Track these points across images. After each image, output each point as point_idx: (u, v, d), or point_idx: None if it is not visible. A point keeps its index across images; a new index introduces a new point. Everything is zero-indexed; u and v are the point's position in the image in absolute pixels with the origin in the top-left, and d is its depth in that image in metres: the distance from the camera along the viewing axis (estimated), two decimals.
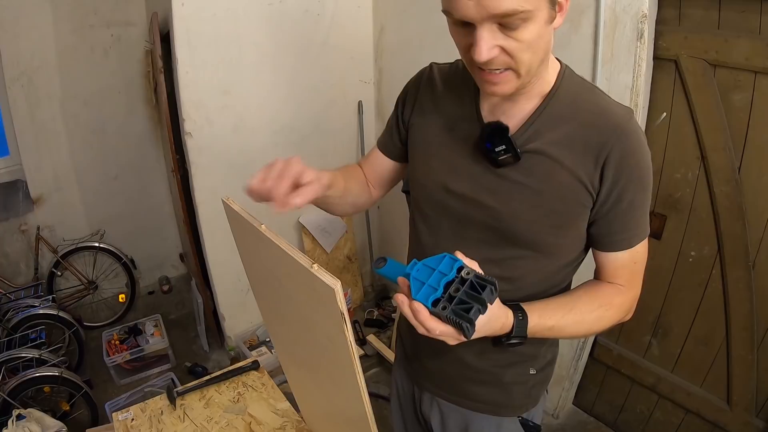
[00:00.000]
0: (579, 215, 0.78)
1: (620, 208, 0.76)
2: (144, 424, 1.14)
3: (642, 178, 0.76)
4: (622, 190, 0.75)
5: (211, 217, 2.33)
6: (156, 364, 2.56)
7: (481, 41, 0.65)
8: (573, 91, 0.78)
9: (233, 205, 0.74)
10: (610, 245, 0.80)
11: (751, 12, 1.34)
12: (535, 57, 0.69)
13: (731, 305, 1.59)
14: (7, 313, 2.28)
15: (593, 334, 0.84)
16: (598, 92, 0.80)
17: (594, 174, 0.74)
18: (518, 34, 0.64)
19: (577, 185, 0.75)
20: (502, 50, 0.66)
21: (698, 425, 1.78)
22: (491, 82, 0.71)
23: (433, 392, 1.01)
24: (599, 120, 0.75)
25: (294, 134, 2.49)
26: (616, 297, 0.82)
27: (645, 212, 0.79)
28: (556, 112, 0.77)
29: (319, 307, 0.58)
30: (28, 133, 2.65)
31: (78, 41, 2.65)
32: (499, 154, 0.75)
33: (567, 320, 0.77)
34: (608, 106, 0.77)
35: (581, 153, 0.75)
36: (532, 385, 0.95)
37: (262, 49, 2.24)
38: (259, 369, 1.33)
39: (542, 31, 0.67)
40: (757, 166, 1.44)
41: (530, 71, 0.71)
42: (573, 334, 0.81)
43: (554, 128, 0.76)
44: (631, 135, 0.74)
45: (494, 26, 0.64)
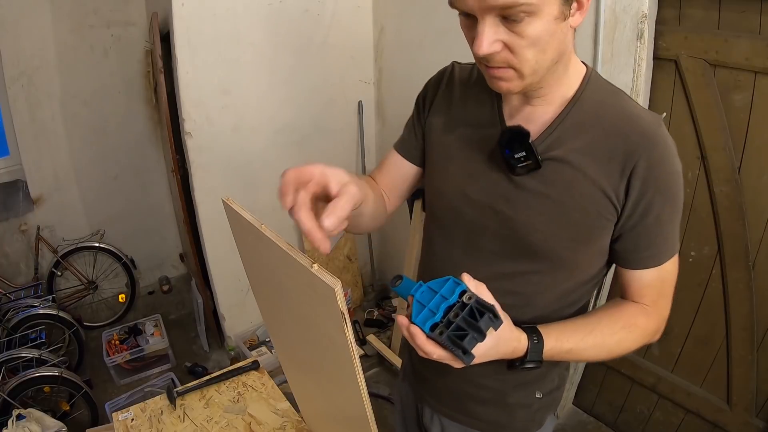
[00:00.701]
0: (601, 229, 0.73)
1: (647, 222, 0.71)
2: (144, 424, 1.14)
3: (671, 190, 0.71)
4: (650, 203, 0.70)
5: (211, 217, 2.34)
6: (156, 364, 2.56)
7: (482, 34, 0.62)
8: (598, 97, 0.74)
9: (233, 205, 0.74)
10: (636, 262, 0.75)
11: (751, 12, 1.34)
12: (543, 56, 0.65)
13: (731, 305, 1.59)
14: (7, 313, 2.28)
15: (615, 357, 0.77)
16: (625, 97, 0.75)
17: (619, 185, 0.70)
18: (521, 29, 0.61)
19: (600, 197, 0.70)
20: (505, 46, 0.63)
21: (698, 425, 1.78)
22: (495, 77, 0.68)
23: (433, 407, 0.98)
24: (626, 127, 0.70)
25: (294, 134, 2.49)
26: (640, 318, 0.77)
27: (674, 227, 0.74)
28: (580, 118, 0.73)
29: (319, 307, 0.58)
30: (28, 133, 2.65)
31: (78, 41, 2.65)
32: (518, 161, 0.71)
33: (586, 343, 0.73)
34: (635, 112, 0.72)
35: (606, 162, 0.70)
36: (536, 409, 0.92)
37: (262, 49, 2.24)
38: (259, 369, 1.33)
39: (550, 27, 0.62)
40: (757, 166, 1.44)
41: (536, 71, 0.66)
42: (592, 358, 0.77)
43: (577, 135, 0.72)
44: (660, 143, 0.69)
45: (497, 19, 0.61)
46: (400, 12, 2.41)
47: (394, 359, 2.44)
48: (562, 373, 0.96)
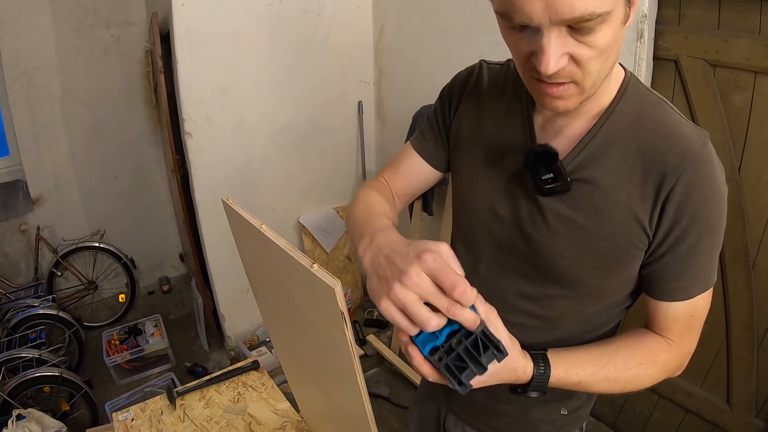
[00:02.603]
0: (630, 257, 0.67)
1: (679, 251, 0.64)
2: (144, 424, 1.14)
3: (711, 219, 0.63)
4: (684, 231, 0.63)
5: (211, 217, 2.34)
6: (156, 364, 2.56)
7: (549, 50, 0.53)
8: (635, 107, 0.66)
9: (233, 205, 0.74)
10: (663, 293, 0.68)
11: (751, 12, 1.34)
12: (605, 66, 0.58)
13: (731, 305, 1.59)
14: (7, 313, 2.28)
15: (628, 392, 0.70)
16: (666, 109, 0.66)
17: (653, 210, 0.63)
18: (592, 40, 0.54)
19: (631, 222, 0.64)
20: (571, 59, 0.56)
21: (698, 425, 1.78)
22: (552, 95, 0.60)
23: (458, 416, 0.96)
24: (664, 144, 0.63)
25: (294, 134, 2.49)
26: (661, 353, 0.70)
27: (711, 259, 0.66)
28: (614, 132, 0.66)
29: (319, 307, 0.58)
30: (28, 133, 2.65)
31: (78, 41, 2.65)
32: (546, 182, 0.65)
33: (597, 377, 0.67)
34: (677, 127, 0.64)
35: (640, 184, 0.64)
36: (561, 425, 0.88)
37: (262, 49, 2.24)
38: (259, 369, 1.33)
39: (617, 33, 0.56)
40: (757, 166, 1.44)
41: (596, 84, 0.60)
42: (603, 391, 0.70)
43: (610, 153, 0.65)
44: (702, 165, 0.62)
45: (564, 30, 0.53)
46: (400, 12, 2.41)
47: (394, 359, 2.44)
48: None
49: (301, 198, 2.64)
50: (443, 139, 0.85)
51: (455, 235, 0.87)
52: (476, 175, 0.78)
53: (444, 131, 0.84)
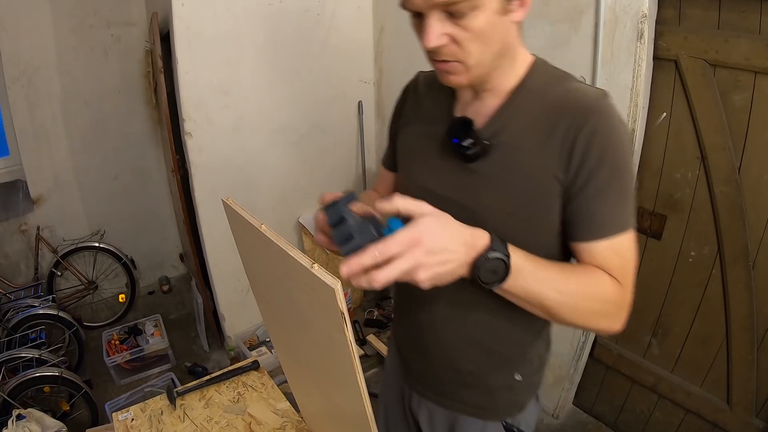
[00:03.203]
0: (550, 207, 0.74)
1: (588, 192, 0.71)
2: (144, 424, 1.14)
3: (615, 163, 0.70)
4: (591, 173, 0.70)
5: (211, 217, 2.34)
6: (156, 364, 2.56)
7: (429, 28, 0.66)
8: (542, 81, 0.76)
9: (233, 205, 0.74)
10: (584, 233, 0.73)
11: (751, 12, 1.34)
12: (487, 48, 0.68)
13: (731, 305, 1.59)
14: (7, 313, 2.28)
15: (578, 312, 0.71)
16: (570, 79, 0.76)
17: (561, 158, 0.71)
18: (467, 23, 0.65)
19: (545, 174, 0.72)
20: (452, 40, 0.67)
21: (698, 425, 1.78)
22: (443, 70, 0.72)
23: (421, 393, 1.01)
24: (567, 103, 0.72)
25: (294, 134, 2.49)
26: (605, 276, 0.72)
27: (622, 202, 0.72)
28: (523, 103, 0.76)
29: (319, 307, 0.58)
30: (28, 133, 2.65)
31: (78, 41, 2.65)
32: (467, 149, 0.75)
33: (550, 271, 0.69)
34: (578, 90, 0.73)
35: (547, 138, 0.72)
36: (517, 392, 0.94)
37: (262, 49, 2.24)
38: (259, 369, 1.33)
39: (493, 21, 0.66)
40: (757, 166, 1.44)
41: (480, 63, 0.70)
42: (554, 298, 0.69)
43: (521, 119, 0.75)
44: (602, 114, 0.70)
45: (443, 15, 0.65)
46: (400, 12, 2.38)
47: None
48: (542, 354, 0.95)
49: (301, 198, 2.63)
50: (393, 145, 0.97)
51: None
52: (411, 162, 0.90)
53: (393, 137, 0.97)
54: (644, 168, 1.71)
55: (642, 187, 1.74)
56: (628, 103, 1.58)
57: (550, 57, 1.93)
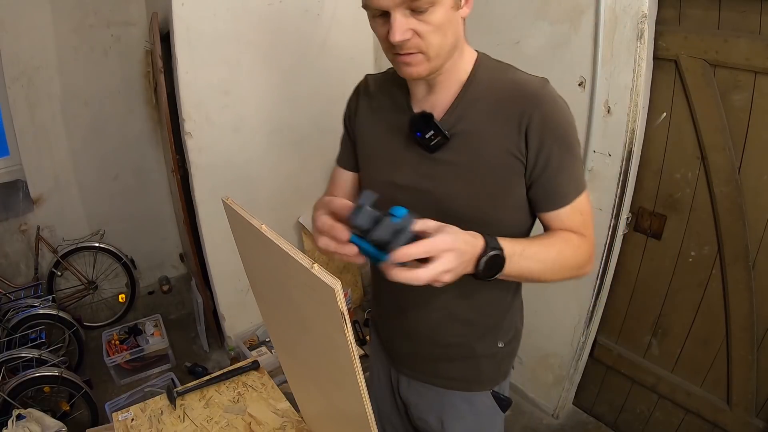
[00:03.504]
0: (514, 183, 0.83)
1: (551, 169, 0.81)
2: (144, 424, 1.14)
3: (566, 138, 0.81)
4: (549, 153, 0.80)
5: (211, 217, 2.33)
6: (156, 364, 2.56)
7: (396, 23, 0.73)
8: (489, 73, 0.85)
9: (233, 205, 0.74)
10: (551, 204, 0.85)
11: (751, 12, 1.34)
12: (445, 40, 0.76)
13: (731, 305, 1.59)
14: (7, 313, 2.28)
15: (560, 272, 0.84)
16: (513, 70, 0.86)
17: (519, 141, 0.80)
18: (428, 17, 0.73)
19: (505, 155, 0.81)
20: (415, 33, 0.74)
21: (698, 425, 1.78)
22: (405, 63, 0.78)
23: (409, 375, 1.07)
24: (514, 92, 0.81)
25: (294, 134, 2.49)
26: (572, 236, 0.85)
27: (576, 169, 0.85)
28: (475, 94, 0.84)
29: (319, 307, 0.58)
30: (28, 133, 2.65)
31: (78, 41, 2.65)
32: (430, 140, 0.83)
33: (533, 248, 0.80)
34: (523, 78, 0.83)
35: (503, 124, 0.81)
36: (500, 359, 1.01)
37: (262, 49, 2.24)
38: (259, 369, 1.33)
39: (449, 15, 0.75)
40: (757, 166, 1.44)
41: (440, 54, 0.77)
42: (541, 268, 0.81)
43: (475, 107, 0.83)
44: (547, 100, 0.80)
45: (407, 11, 0.73)
46: None
47: None
48: (517, 325, 1.05)
49: (301, 198, 2.63)
50: (351, 145, 1.02)
51: None
52: (373, 158, 0.96)
53: (350, 137, 1.03)
54: (644, 168, 1.71)
55: (642, 187, 1.74)
56: (628, 103, 1.58)
57: (550, 57, 1.93)
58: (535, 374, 2.19)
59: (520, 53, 1.79)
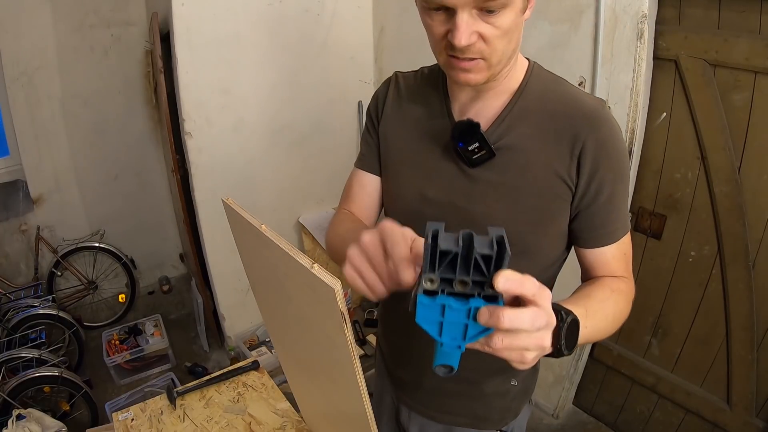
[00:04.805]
0: (558, 210, 0.75)
1: (601, 200, 0.74)
2: (144, 424, 1.13)
3: (621, 169, 0.74)
4: (602, 182, 0.72)
5: (211, 217, 2.33)
6: (156, 364, 2.56)
7: (462, 25, 0.63)
8: (542, 85, 0.78)
9: (233, 205, 0.74)
10: (596, 240, 0.76)
11: (751, 12, 1.34)
12: (509, 46, 0.69)
13: (731, 305, 1.59)
14: (7, 313, 2.28)
15: (616, 324, 0.72)
16: (567, 84, 0.79)
17: (570, 166, 0.72)
18: (497, 20, 0.64)
19: (553, 178, 0.73)
20: (480, 37, 0.66)
21: (698, 425, 1.78)
22: (464, 69, 0.69)
23: (411, 406, 0.99)
24: (570, 110, 0.73)
25: (294, 134, 2.49)
26: (620, 283, 0.76)
27: (625, 205, 0.77)
28: (526, 106, 0.76)
29: (319, 307, 0.58)
30: (28, 133, 2.65)
31: (78, 41, 2.65)
32: (473, 153, 0.74)
33: (592, 304, 0.67)
34: (578, 96, 0.76)
35: (555, 144, 0.73)
36: (512, 398, 0.93)
37: (262, 49, 2.24)
38: (259, 369, 1.33)
39: (518, 19, 0.67)
40: (757, 166, 1.44)
41: (501, 61, 0.70)
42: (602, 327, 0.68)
43: (526, 122, 0.75)
44: (605, 124, 0.72)
45: (474, 11, 0.63)
46: (400, 12, 2.41)
47: None
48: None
49: (301, 198, 2.63)
50: (375, 146, 0.91)
51: None
52: (403, 168, 0.86)
53: (375, 138, 0.91)
54: (644, 168, 1.71)
55: (642, 187, 1.74)
56: (628, 103, 1.58)
57: (550, 57, 1.93)
58: None
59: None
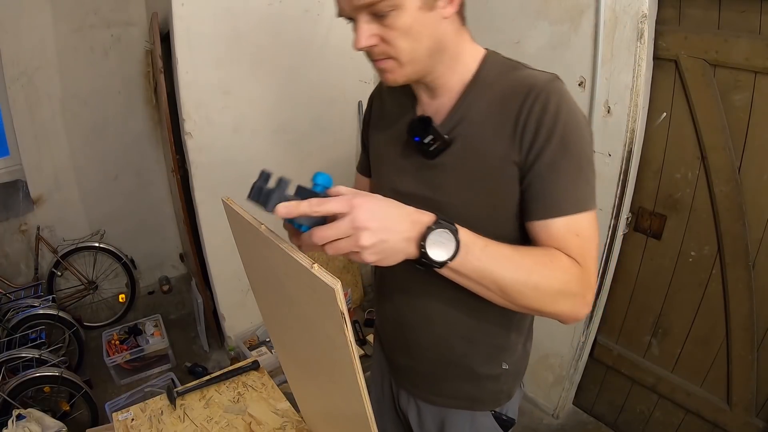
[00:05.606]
0: (512, 192, 0.75)
1: (539, 169, 0.71)
2: (144, 424, 1.14)
3: (566, 141, 0.70)
4: (540, 151, 0.71)
5: (211, 217, 2.34)
6: (156, 364, 2.56)
7: (358, 30, 0.69)
8: (495, 72, 0.78)
9: (233, 205, 0.74)
10: (538, 211, 0.73)
11: (751, 12, 1.34)
12: (418, 44, 0.71)
13: (731, 305, 1.59)
14: (7, 313, 2.28)
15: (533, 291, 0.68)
16: (522, 67, 0.78)
17: (514, 144, 0.72)
18: (391, 22, 0.68)
19: (502, 160, 0.74)
20: (381, 39, 0.70)
21: (698, 425, 1.78)
22: (381, 69, 0.74)
23: (409, 390, 1.03)
24: (517, 90, 0.73)
25: (294, 134, 2.49)
26: (561, 255, 0.70)
27: (576, 180, 0.71)
28: (478, 94, 0.77)
29: (319, 307, 0.58)
30: (28, 133, 2.65)
31: (78, 41, 2.65)
32: (429, 145, 0.77)
33: (502, 249, 0.67)
34: (528, 75, 0.75)
35: (502, 124, 0.73)
36: (504, 380, 0.96)
37: (261, 49, 2.24)
38: (259, 369, 1.33)
39: (418, 17, 0.68)
40: (757, 166, 1.44)
41: (414, 59, 0.72)
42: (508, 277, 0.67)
43: (477, 109, 0.77)
44: (550, 94, 0.71)
45: (369, 17, 0.68)
46: None
47: None
48: (524, 343, 0.98)
49: None
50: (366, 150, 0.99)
51: None
52: (381, 165, 0.92)
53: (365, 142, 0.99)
54: (644, 168, 1.71)
55: (642, 187, 1.74)
56: (628, 103, 1.58)
57: (550, 57, 1.93)
58: (535, 374, 2.19)
59: (521, 53, 1.79)
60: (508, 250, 0.68)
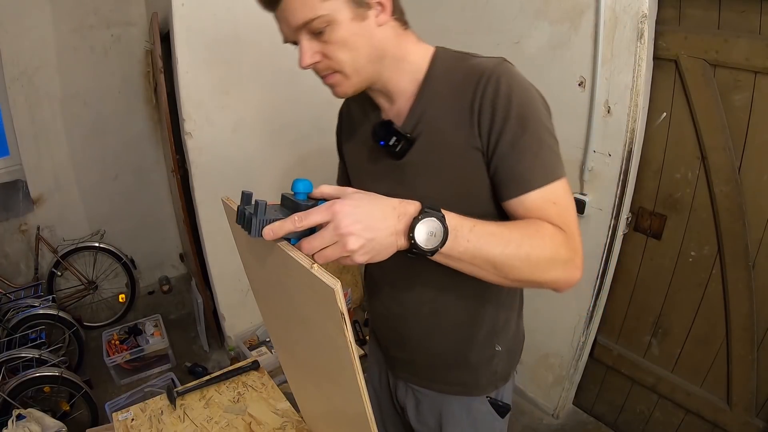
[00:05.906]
0: (480, 179, 0.77)
1: (503, 150, 0.73)
2: (144, 424, 1.14)
3: (521, 115, 0.72)
4: (501, 132, 0.72)
5: (211, 217, 2.34)
6: (156, 364, 2.56)
7: (301, 49, 0.73)
8: (445, 67, 0.80)
9: (233, 204, 0.74)
10: (511, 190, 0.74)
11: (751, 12, 1.34)
12: (357, 54, 0.73)
13: (731, 305, 1.59)
14: (7, 313, 2.28)
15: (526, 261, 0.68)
16: (470, 57, 0.80)
17: (473, 127, 0.74)
18: (328, 37, 0.71)
19: (466, 149, 0.76)
20: (324, 55, 0.73)
21: (698, 425, 1.78)
22: (330, 85, 0.77)
23: (406, 380, 1.05)
24: (468, 79, 0.75)
25: (294, 134, 2.49)
26: (544, 223, 0.71)
27: (540, 153, 0.73)
28: (433, 90, 0.79)
29: (319, 307, 0.58)
30: (28, 133, 2.65)
31: (78, 41, 2.65)
32: (394, 146, 0.80)
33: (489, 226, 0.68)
34: (477, 63, 0.77)
35: (458, 114, 0.76)
36: (498, 361, 0.97)
37: (262, 49, 2.24)
38: (259, 369, 1.33)
39: (352, 29, 0.71)
40: (757, 166, 1.44)
41: (357, 69, 0.75)
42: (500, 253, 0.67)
43: (434, 104, 0.79)
44: (500, 76, 0.73)
45: (308, 36, 0.72)
46: None
47: None
48: (518, 321, 1.01)
49: None
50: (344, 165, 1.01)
51: None
52: (356, 174, 0.96)
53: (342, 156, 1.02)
54: (644, 168, 1.71)
55: (642, 187, 1.74)
56: (628, 103, 1.58)
57: (550, 57, 1.93)
58: (535, 374, 2.19)
59: (520, 53, 1.79)
60: (495, 227, 0.68)
